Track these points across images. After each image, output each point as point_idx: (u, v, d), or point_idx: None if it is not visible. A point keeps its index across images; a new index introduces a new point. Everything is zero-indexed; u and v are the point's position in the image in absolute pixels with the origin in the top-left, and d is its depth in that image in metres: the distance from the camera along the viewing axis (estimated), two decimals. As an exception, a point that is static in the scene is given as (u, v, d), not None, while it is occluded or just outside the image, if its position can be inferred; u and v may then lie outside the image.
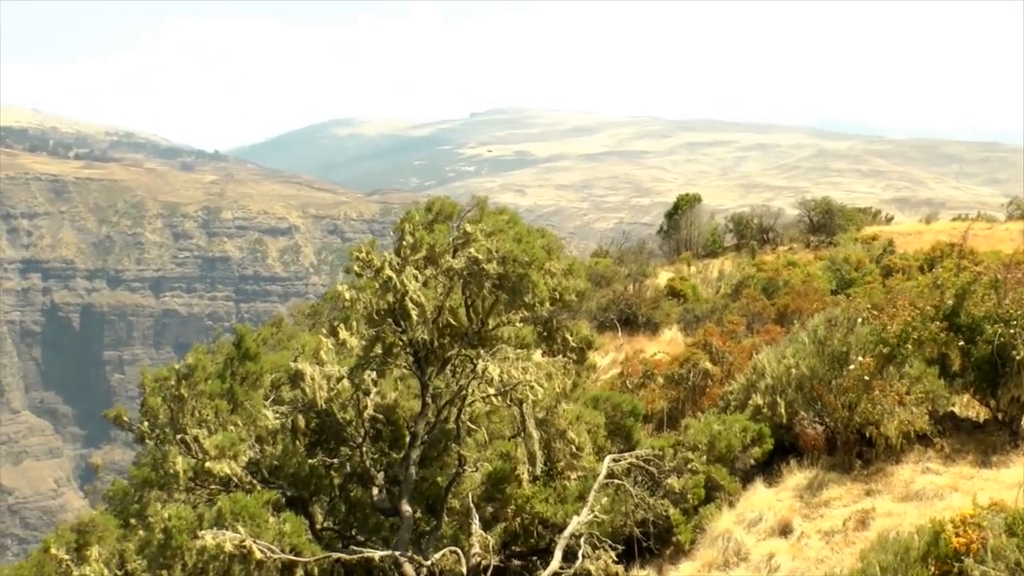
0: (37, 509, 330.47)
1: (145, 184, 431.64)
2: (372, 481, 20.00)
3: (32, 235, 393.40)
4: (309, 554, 17.46)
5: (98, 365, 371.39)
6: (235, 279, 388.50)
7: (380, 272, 18.85)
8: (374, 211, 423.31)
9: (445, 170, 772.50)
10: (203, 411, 21.18)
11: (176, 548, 16.92)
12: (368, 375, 19.50)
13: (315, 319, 60.71)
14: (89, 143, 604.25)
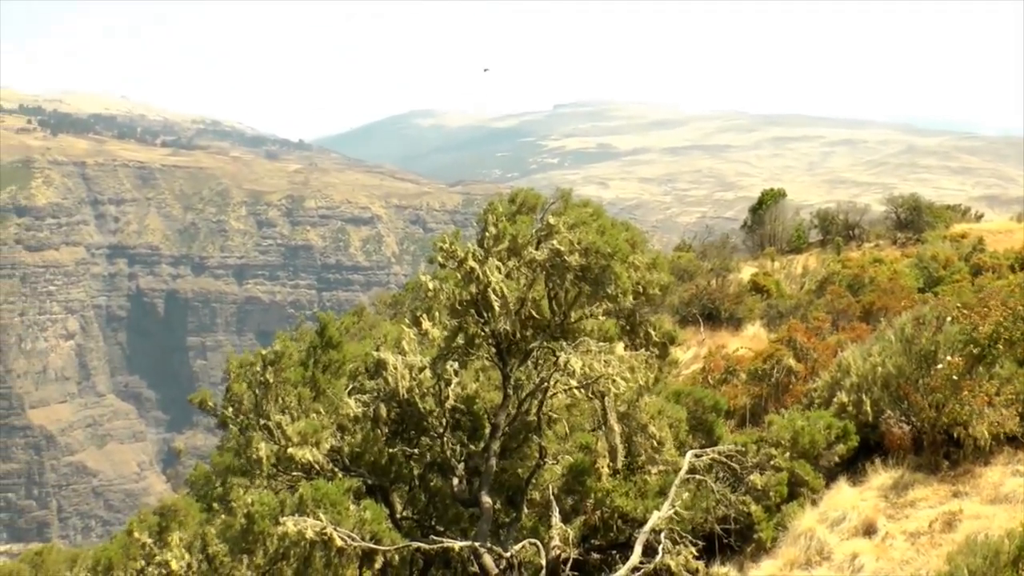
0: (121, 492, 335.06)
1: (230, 172, 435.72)
2: (452, 471, 20.00)
3: (119, 221, 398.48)
4: (389, 542, 17.51)
5: (181, 351, 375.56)
6: (317, 267, 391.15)
7: (463, 263, 18.84)
8: (456, 202, 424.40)
9: (528, 162, 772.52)
10: (286, 398, 21.31)
11: (258, 533, 17.05)
12: (450, 366, 19.53)
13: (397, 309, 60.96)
14: (176, 131, 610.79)
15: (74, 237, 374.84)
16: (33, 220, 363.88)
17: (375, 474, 20.25)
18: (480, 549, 17.75)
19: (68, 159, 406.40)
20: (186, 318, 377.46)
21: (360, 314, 60.71)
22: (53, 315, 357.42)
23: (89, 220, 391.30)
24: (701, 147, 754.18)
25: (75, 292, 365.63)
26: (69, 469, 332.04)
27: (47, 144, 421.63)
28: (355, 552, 16.99)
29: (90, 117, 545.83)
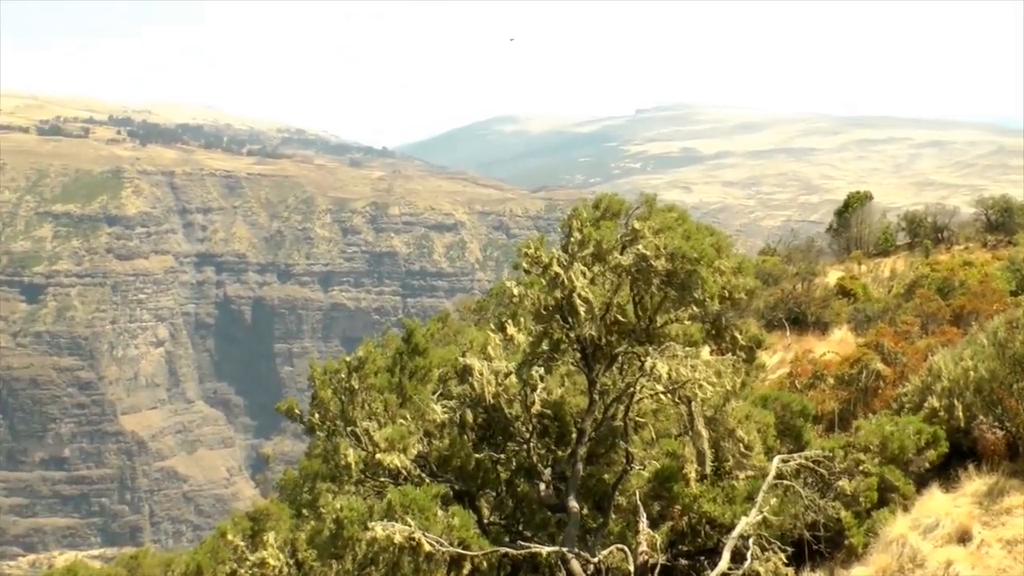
0: (210, 497, 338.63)
1: (315, 180, 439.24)
2: (539, 477, 19.99)
3: (206, 230, 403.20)
4: (477, 548, 17.52)
5: (268, 357, 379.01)
6: (402, 274, 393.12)
7: (548, 268, 18.85)
8: (539, 207, 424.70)
9: (610, 167, 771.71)
10: (373, 404, 21.40)
11: (347, 539, 17.13)
12: (535, 371, 19.52)
13: (481, 315, 61.06)
14: (261, 139, 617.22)
15: (163, 246, 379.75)
16: (123, 229, 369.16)
17: (462, 479, 20.29)
18: (568, 554, 17.73)
19: (156, 169, 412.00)
20: (273, 325, 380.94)
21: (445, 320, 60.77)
22: (143, 323, 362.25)
23: (177, 229, 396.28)
24: (785, 150, 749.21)
25: (164, 300, 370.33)
26: (160, 474, 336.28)
27: (136, 154, 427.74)
28: (443, 557, 17.03)
29: (178, 127, 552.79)
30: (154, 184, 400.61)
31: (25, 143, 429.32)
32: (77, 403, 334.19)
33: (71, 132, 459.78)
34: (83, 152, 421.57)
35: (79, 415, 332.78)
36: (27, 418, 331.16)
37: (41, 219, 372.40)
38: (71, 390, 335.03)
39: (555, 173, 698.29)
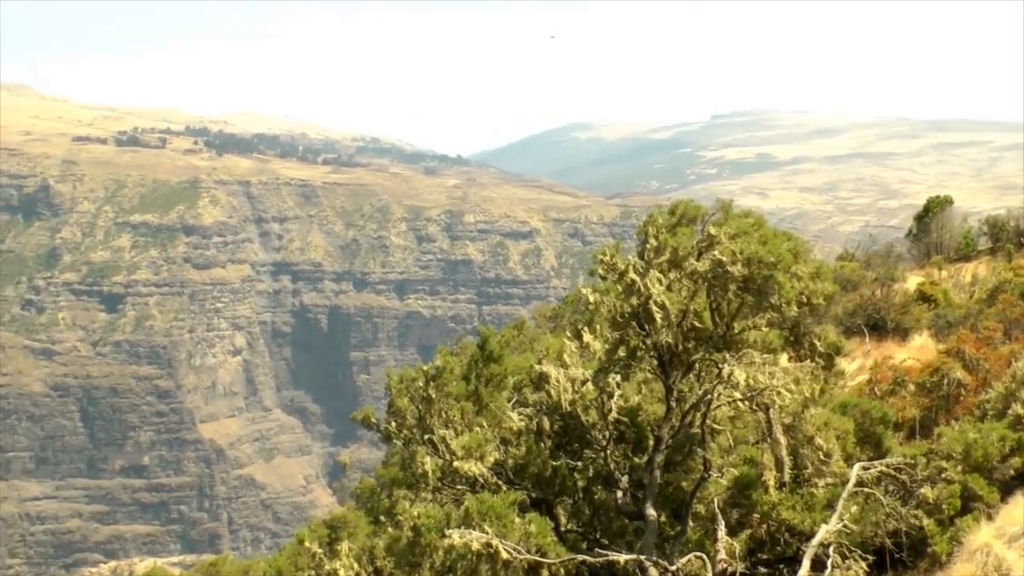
0: (288, 504, 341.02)
1: (390, 188, 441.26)
2: (616, 484, 19.90)
3: (283, 239, 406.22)
4: (554, 556, 17.46)
5: (345, 365, 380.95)
6: (477, 282, 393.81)
7: (624, 275, 18.77)
8: (614, 214, 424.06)
9: (686, 173, 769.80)
10: (450, 412, 21.41)
11: (424, 546, 17.16)
12: (612, 378, 19.43)
13: (556, 322, 61.01)
14: (336, 148, 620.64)
15: (240, 255, 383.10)
16: (200, 239, 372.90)
17: (539, 487, 20.26)
18: (646, 562, 17.64)
19: (233, 178, 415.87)
20: (349, 333, 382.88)
21: (520, 328, 60.81)
22: (220, 331, 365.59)
23: (254, 238, 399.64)
24: (863, 155, 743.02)
25: (241, 309, 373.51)
26: (238, 482, 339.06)
27: (213, 164, 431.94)
28: (520, 565, 16.99)
29: (254, 137, 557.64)
30: (230, 194, 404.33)
31: (104, 154, 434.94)
32: (156, 411, 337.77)
33: (149, 143, 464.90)
34: (160, 162, 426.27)
35: (158, 423, 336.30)
36: (107, 426, 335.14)
37: (120, 229, 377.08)
38: (150, 398, 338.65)
39: (630, 180, 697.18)
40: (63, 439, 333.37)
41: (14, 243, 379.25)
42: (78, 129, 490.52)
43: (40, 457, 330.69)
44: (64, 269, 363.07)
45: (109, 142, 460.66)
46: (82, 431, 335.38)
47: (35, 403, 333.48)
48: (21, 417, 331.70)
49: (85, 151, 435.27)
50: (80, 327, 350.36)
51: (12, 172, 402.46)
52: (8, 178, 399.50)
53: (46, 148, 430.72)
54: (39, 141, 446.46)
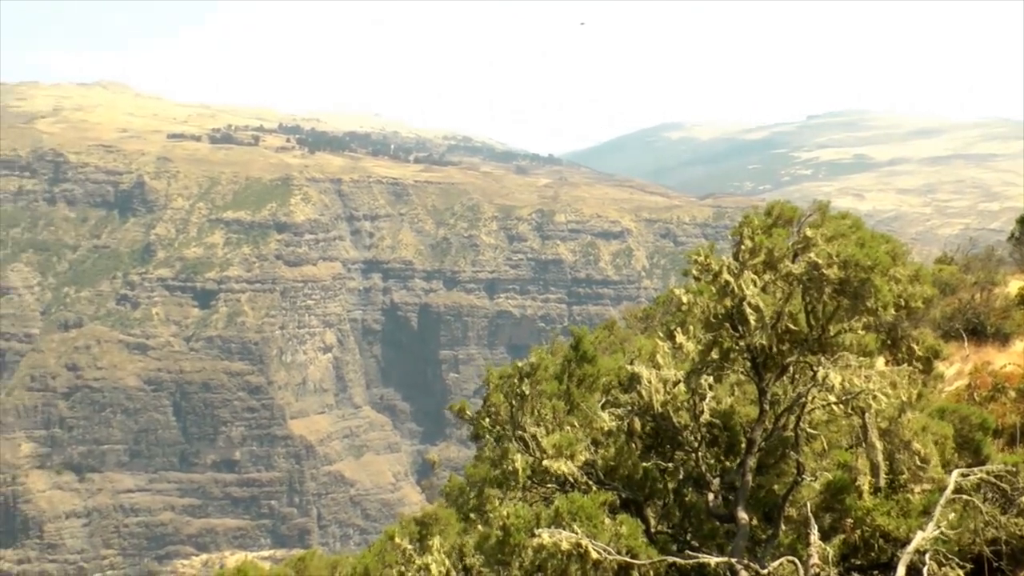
0: (377, 501, 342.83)
1: (481, 187, 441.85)
2: (707, 486, 19.78)
3: (374, 236, 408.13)
4: (644, 557, 17.40)
5: (434, 363, 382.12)
6: (568, 282, 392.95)
7: (718, 276, 18.66)
8: (707, 215, 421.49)
9: (780, 174, 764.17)
10: (542, 410, 21.40)
11: (514, 545, 17.15)
12: (704, 380, 19.32)
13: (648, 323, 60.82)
14: (428, 147, 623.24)
15: (331, 252, 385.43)
16: (292, 236, 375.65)
17: (629, 488, 20.19)
18: (737, 565, 17.52)
19: (325, 176, 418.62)
20: (439, 331, 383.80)
21: (611, 328, 60.71)
22: (311, 328, 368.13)
23: (345, 235, 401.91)
24: (963, 156, 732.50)
25: (332, 306, 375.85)
26: (328, 478, 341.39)
27: (305, 162, 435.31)
28: (610, 566, 16.96)
29: (345, 135, 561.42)
30: (322, 191, 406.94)
31: (198, 151, 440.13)
32: (247, 407, 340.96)
33: (242, 140, 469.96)
34: (253, 160, 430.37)
35: (249, 419, 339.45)
36: (199, 421, 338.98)
37: (213, 226, 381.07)
38: (241, 394, 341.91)
39: (723, 180, 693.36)
40: (156, 433, 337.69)
41: (110, 239, 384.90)
42: (173, 126, 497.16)
43: (134, 450, 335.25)
44: (158, 265, 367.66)
45: (203, 139, 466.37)
46: (175, 425, 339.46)
47: (129, 397, 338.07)
48: (116, 410, 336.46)
49: (180, 148, 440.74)
50: (173, 322, 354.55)
51: (108, 169, 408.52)
52: (105, 175, 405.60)
53: (141, 145, 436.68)
54: (135, 138, 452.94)
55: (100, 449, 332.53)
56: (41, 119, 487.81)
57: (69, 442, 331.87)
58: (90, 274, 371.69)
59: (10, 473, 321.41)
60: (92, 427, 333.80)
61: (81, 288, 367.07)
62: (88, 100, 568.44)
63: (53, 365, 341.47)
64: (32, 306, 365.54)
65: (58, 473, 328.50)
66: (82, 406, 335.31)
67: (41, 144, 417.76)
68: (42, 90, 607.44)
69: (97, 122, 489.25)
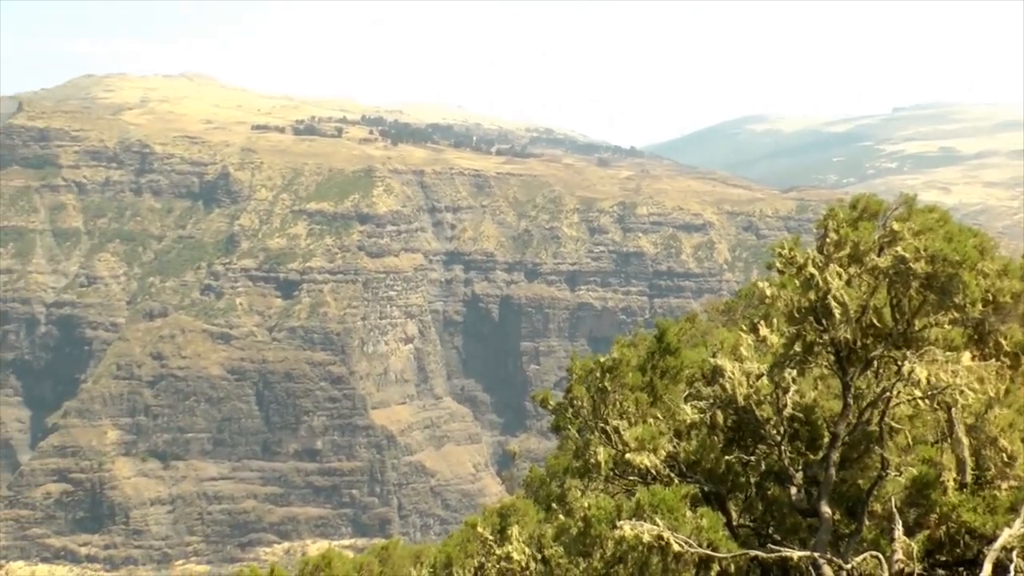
0: (457, 492, 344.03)
1: (563, 179, 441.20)
2: (790, 480, 19.70)
3: (455, 228, 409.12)
4: (726, 550, 17.38)
5: (515, 355, 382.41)
6: (649, 274, 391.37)
7: (802, 269, 18.58)
8: (790, 208, 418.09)
9: (865, 167, 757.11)
10: (624, 403, 21.40)
11: (595, 537, 17.20)
12: (787, 373, 19.24)
13: (729, 316, 60.59)
14: (510, 139, 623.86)
15: (413, 244, 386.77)
16: (374, 227, 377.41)
17: (711, 481, 20.15)
18: (820, 560, 17.44)
19: (407, 168, 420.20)
20: (520, 323, 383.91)
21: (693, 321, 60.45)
22: (393, 319, 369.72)
23: (427, 227, 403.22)
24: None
25: (413, 297, 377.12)
26: (409, 468, 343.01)
27: (388, 153, 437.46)
28: (691, 558, 16.96)
29: (428, 127, 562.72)
30: (404, 183, 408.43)
31: (281, 142, 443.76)
32: (329, 397, 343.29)
33: (325, 132, 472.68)
34: (336, 151, 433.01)
35: (331, 409, 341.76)
36: (281, 410, 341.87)
37: (296, 217, 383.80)
38: (323, 384, 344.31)
39: (807, 173, 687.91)
40: (239, 422, 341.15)
41: (194, 229, 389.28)
42: (257, 118, 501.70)
43: (217, 439, 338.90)
44: (242, 255, 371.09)
45: (287, 131, 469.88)
46: (257, 414, 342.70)
47: (213, 386, 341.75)
48: (200, 399, 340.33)
49: (264, 139, 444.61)
50: (257, 312, 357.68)
51: (194, 160, 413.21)
52: (190, 166, 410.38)
53: (226, 136, 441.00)
54: (219, 129, 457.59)
55: (184, 437, 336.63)
56: (128, 111, 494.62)
57: (154, 430, 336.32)
58: (175, 264, 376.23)
59: (97, 460, 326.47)
60: (176, 415, 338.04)
61: (166, 278, 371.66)
62: (174, 92, 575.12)
63: (139, 354, 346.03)
64: (118, 295, 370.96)
65: (143, 460, 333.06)
66: (167, 395, 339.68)
67: (128, 135, 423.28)
68: (129, 82, 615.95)
69: (183, 113, 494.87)
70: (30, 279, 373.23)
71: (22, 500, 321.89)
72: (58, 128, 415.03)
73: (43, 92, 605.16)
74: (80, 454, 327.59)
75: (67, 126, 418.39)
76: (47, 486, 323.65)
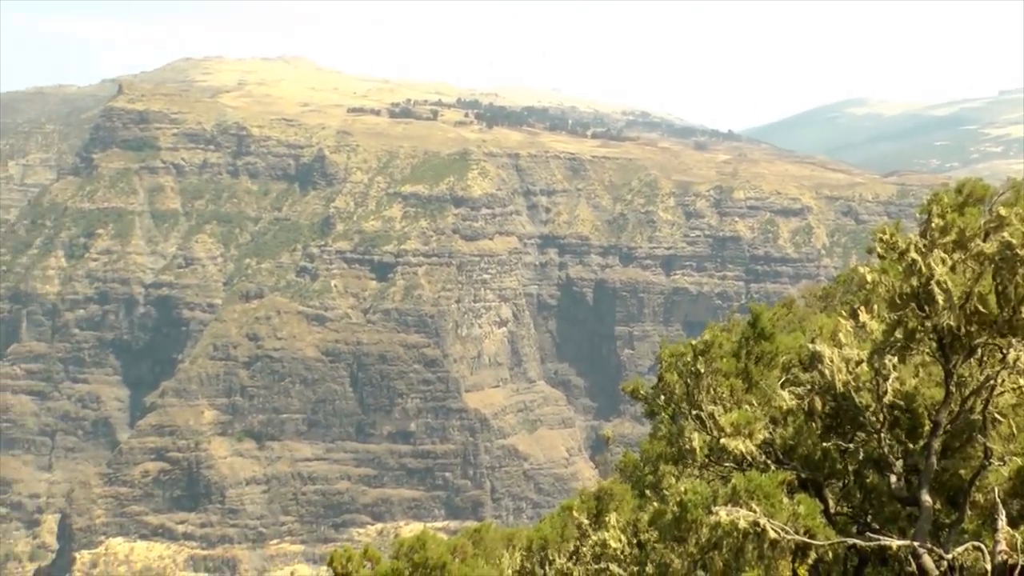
0: (550, 476, 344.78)
1: (658, 163, 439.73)
2: (889, 468, 19.41)
3: (550, 212, 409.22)
4: (823, 538, 17.18)
5: (609, 339, 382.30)
6: (745, 259, 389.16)
7: (904, 254, 18.28)
8: (891, 193, 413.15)
9: (969, 151, 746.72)
10: (718, 388, 21.23)
11: (690, 522, 17.08)
12: (888, 360, 18.95)
13: (827, 301, 59.99)
14: (605, 122, 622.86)
15: (507, 227, 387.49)
16: (469, 210, 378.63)
17: (808, 468, 19.93)
18: (920, 549, 17.17)
19: (502, 151, 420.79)
20: (614, 307, 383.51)
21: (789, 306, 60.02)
22: (487, 303, 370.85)
23: (521, 210, 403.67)
24: None
25: (508, 281, 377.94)
26: (501, 452, 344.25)
27: (483, 136, 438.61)
28: (788, 546, 16.78)
29: (523, 110, 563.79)
30: (499, 166, 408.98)
31: (377, 125, 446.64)
32: (423, 379, 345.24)
33: (421, 115, 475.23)
34: (432, 134, 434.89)
35: (425, 391, 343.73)
36: (375, 392, 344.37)
37: (391, 199, 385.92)
38: (417, 366, 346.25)
39: (908, 157, 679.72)
40: (334, 403, 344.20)
41: (290, 211, 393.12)
42: (353, 100, 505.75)
43: (312, 420, 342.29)
44: (337, 238, 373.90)
45: (383, 113, 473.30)
46: (352, 396, 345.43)
47: (308, 367, 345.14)
48: (295, 380, 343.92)
49: (359, 122, 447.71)
50: (351, 294, 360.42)
51: (290, 142, 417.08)
52: (286, 148, 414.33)
53: (322, 119, 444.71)
54: (316, 112, 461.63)
55: (279, 418, 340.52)
56: (226, 93, 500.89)
57: (250, 410, 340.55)
58: (271, 246, 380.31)
59: (193, 439, 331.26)
60: (272, 396, 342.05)
61: (262, 260, 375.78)
62: (271, 74, 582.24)
63: (235, 335, 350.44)
64: (215, 277, 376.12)
65: (239, 440, 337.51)
66: (262, 375, 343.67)
67: (225, 118, 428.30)
68: (227, 65, 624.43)
69: (279, 96, 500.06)
70: (129, 260, 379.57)
71: (121, 478, 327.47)
72: (157, 111, 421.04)
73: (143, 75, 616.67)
74: (177, 433, 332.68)
75: (166, 109, 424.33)
76: (145, 464, 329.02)
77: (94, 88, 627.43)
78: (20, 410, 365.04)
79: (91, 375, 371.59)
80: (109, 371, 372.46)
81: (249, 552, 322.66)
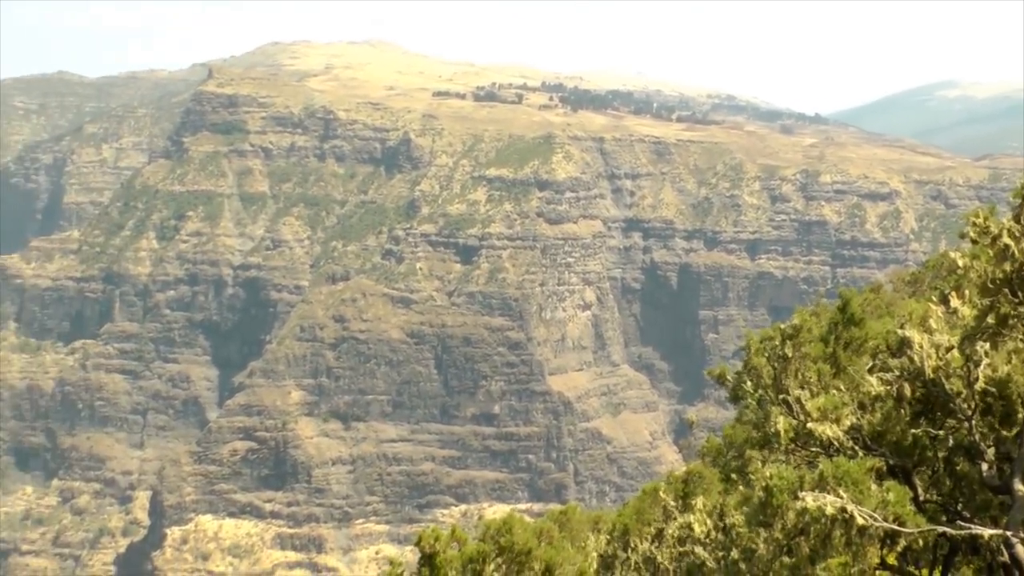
0: (633, 459, 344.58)
1: (744, 146, 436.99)
2: (980, 456, 19.14)
3: (634, 195, 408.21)
4: (912, 525, 16.97)
5: (693, 324, 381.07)
6: (831, 244, 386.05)
7: (997, 239, 18.00)
8: (982, 177, 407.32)
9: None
10: (806, 373, 21.06)
11: (776, 507, 16.96)
12: (980, 346, 18.69)
13: (915, 287, 59.29)
14: (690, 105, 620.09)
15: (591, 210, 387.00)
16: (553, 194, 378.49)
17: (897, 454, 19.70)
18: (1013, 539, 16.93)
19: (586, 134, 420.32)
20: (698, 292, 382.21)
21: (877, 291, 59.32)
22: (571, 286, 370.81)
23: (606, 194, 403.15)
24: None
25: (592, 264, 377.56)
26: (585, 435, 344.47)
27: (567, 120, 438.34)
28: (876, 533, 16.60)
29: (608, 93, 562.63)
30: (584, 150, 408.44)
31: (462, 109, 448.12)
32: (507, 362, 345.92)
33: (505, 98, 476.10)
34: (516, 118, 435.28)
35: (508, 374, 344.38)
36: (460, 374, 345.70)
37: (476, 183, 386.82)
38: (501, 349, 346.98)
39: (1001, 141, 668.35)
40: (418, 385, 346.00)
41: (376, 194, 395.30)
42: (438, 84, 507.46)
43: (396, 401, 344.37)
44: (422, 221, 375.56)
45: (468, 97, 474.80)
46: (436, 378, 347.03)
47: (393, 349, 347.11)
48: (380, 362, 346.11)
49: (445, 106, 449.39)
50: (436, 277, 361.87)
51: (376, 126, 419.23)
52: (372, 132, 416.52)
53: (408, 103, 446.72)
54: (401, 96, 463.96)
55: (365, 399, 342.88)
56: (313, 77, 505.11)
57: (335, 391, 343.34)
58: (357, 229, 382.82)
59: (281, 419, 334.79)
60: (357, 377, 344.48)
61: (348, 242, 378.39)
62: (357, 59, 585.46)
63: (321, 316, 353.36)
64: (302, 259, 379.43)
65: (325, 421, 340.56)
66: (348, 357, 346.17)
67: (312, 102, 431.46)
68: (314, 49, 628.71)
69: (366, 80, 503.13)
70: (218, 242, 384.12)
71: (210, 456, 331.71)
72: (246, 95, 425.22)
73: (232, 60, 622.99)
74: (265, 413, 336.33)
75: (254, 93, 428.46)
76: (233, 443, 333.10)
77: (185, 73, 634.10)
78: (113, 389, 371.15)
79: (181, 355, 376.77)
80: (198, 351, 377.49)
81: (335, 531, 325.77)
